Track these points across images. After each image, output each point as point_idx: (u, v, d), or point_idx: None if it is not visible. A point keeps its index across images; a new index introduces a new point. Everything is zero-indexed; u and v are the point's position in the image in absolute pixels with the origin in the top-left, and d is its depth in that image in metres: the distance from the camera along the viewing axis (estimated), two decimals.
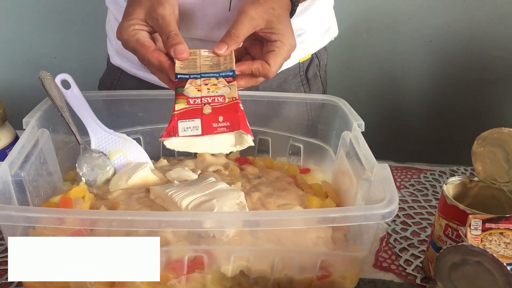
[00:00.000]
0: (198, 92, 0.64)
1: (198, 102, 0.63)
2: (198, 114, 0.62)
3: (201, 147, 0.63)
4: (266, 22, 0.69)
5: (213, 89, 0.64)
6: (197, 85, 0.65)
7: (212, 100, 0.63)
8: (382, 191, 0.58)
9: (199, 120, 0.61)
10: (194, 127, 0.61)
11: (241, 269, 0.61)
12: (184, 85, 0.65)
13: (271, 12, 0.69)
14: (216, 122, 0.61)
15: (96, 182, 0.76)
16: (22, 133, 0.69)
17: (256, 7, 0.68)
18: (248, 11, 0.68)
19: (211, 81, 0.66)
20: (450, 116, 1.53)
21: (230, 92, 0.64)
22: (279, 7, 0.70)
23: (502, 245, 0.58)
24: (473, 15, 1.40)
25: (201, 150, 0.64)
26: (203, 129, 0.61)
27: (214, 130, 0.61)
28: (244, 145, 0.63)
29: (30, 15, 1.47)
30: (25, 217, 0.53)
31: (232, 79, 0.66)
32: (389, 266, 0.72)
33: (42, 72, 0.75)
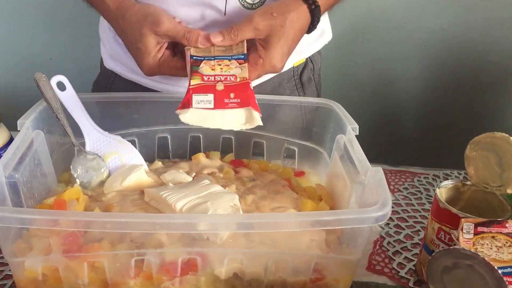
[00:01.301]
0: (212, 70, 0.69)
1: (212, 79, 0.68)
2: (212, 89, 0.67)
3: (213, 123, 0.67)
4: (266, 36, 0.72)
5: (225, 69, 0.70)
6: (211, 65, 0.70)
7: (224, 78, 0.68)
8: (376, 195, 0.59)
9: (212, 95, 0.66)
10: (207, 101, 0.66)
11: (235, 272, 0.61)
12: (199, 64, 0.70)
13: (277, 29, 0.71)
14: (228, 98, 0.66)
15: (90, 184, 0.76)
16: (17, 135, 0.69)
17: (265, 19, 0.71)
18: (255, 21, 0.71)
19: (224, 62, 0.71)
20: (444, 120, 1.54)
21: (242, 73, 0.69)
22: (290, 26, 0.72)
23: (494, 249, 0.58)
24: (468, 20, 1.41)
25: (214, 125, 0.67)
26: (215, 103, 0.66)
27: (225, 105, 0.66)
28: (253, 123, 0.67)
29: (25, 17, 1.47)
30: (18, 218, 0.53)
31: (243, 61, 0.71)
32: (382, 269, 0.72)
33: (38, 73, 0.75)
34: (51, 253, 0.58)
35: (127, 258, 0.58)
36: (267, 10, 0.72)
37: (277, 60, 0.73)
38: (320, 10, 0.75)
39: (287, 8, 0.73)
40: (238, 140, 0.88)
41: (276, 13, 0.71)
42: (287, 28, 0.72)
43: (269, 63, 0.72)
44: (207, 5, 0.78)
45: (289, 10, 0.72)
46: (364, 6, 1.42)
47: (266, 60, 0.72)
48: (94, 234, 0.60)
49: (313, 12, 0.74)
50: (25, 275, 0.59)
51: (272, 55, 0.72)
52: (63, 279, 0.59)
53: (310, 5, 0.74)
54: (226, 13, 0.79)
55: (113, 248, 0.59)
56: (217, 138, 0.88)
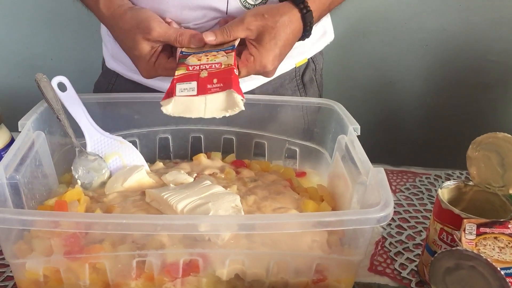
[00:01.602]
0: (197, 61, 0.69)
1: (197, 68, 0.68)
2: (195, 77, 0.67)
3: (195, 112, 0.66)
4: (257, 36, 0.73)
5: (212, 59, 0.70)
6: (198, 57, 0.70)
7: (209, 66, 0.68)
8: (378, 195, 0.58)
9: (195, 83, 0.66)
10: (190, 88, 0.65)
11: (236, 273, 0.61)
12: (186, 57, 0.71)
13: (268, 30, 0.72)
14: (211, 84, 0.65)
15: (91, 185, 0.76)
16: (18, 136, 0.69)
17: (256, 20, 0.72)
18: (247, 21, 0.72)
19: (211, 54, 0.71)
20: (445, 120, 1.54)
21: (227, 60, 0.69)
22: (281, 29, 0.73)
23: (496, 250, 0.58)
24: (469, 19, 1.41)
25: (195, 114, 0.66)
26: (198, 89, 0.65)
27: (208, 91, 0.65)
28: (234, 109, 0.65)
29: (26, 17, 1.47)
30: (20, 220, 0.53)
31: (231, 51, 0.71)
32: (384, 270, 0.72)
33: (39, 74, 0.75)
34: (52, 255, 0.58)
35: (129, 259, 0.58)
36: (259, 11, 0.73)
37: (267, 60, 0.73)
38: (312, 15, 0.76)
39: (279, 11, 0.74)
40: (239, 140, 0.88)
41: (268, 15, 0.72)
42: (278, 30, 0.73)
43: (260, 62, 0.73)
44: (208, 7, 0.78)
45: (281, 13, 0.73)
46: (365, 6, 1.42)
47: (256, 59, 0.72)
48: (95, 235, 0.60)
49: (304, 17, 0.75)
50: (26, 276, 0.59)
51: (262, 54, 0.72)
52: (65, 280, 0.59)
53: (302, 10, 0.75)
54: (227, 13, 0.79)
55: (114, 249, 0.59)
56: (218, 139, 0.88)
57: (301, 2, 0.75)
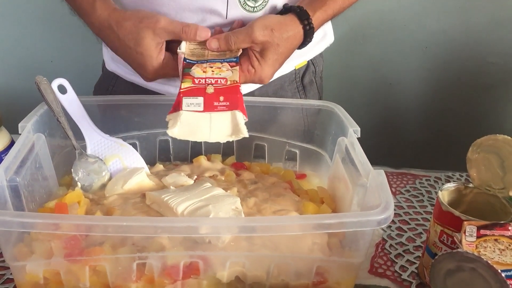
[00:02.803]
0: (203, 73, 0.70)
1: (203, 82, 0.68)
2: (202, 92, 0.67)
3: (200, 136, 0.66)
4: (262, 50, 0.74)
5: (217, 72, 0.70)
6: (202, 67, 0.71)
7: (215, 81, 0.68)
8: (378, 197, 0.58)
9: (202, 98, 0.66)
10: (197, 104, 0.66)
11: (237, 275, 0.61)
12: (191, 67, 0.71)
13: (274, 47, 0.74)
14: (217, 101, 0.66)
15: (91, 187, 0.76)
16: (18, 138, 0.69)
17: (264, 35, 0.73)
18: (255, 33, 0.72)
19: (216, 65, 0.72)
20: (445, 122, 1.54)
21: (232, 76, 0.69)
22: (285, 46, 0.75)
23: (497, 252, 0.58)
24: (469, 22, 1.41)
25: (200, 138, 0.66)
26: (205, 106, 0.66)
27: (214, 108, 0.66)
28: (239, 135, 0.66)
29: (26, 20, 1.47)
30: (20, 222, 0.53)
31: (235, 64, 0.72)
32: (385, 272, 0.72)
33: (39, 76, 0.75)
34: (52, 257, 0.58)
35: (129, 262, 0.58)
36: (268, 25, 0.73)
37: (266, 74, 0.75)
38: (313, 31, 0.78)
39: (287, 28, 0.75)
40: (239, 142, 0.87)
41: (276, 31, 0.73)
42: (282, 48, 0.75)
43: (259, 76, 0.75)
44: (209, 9, 0.78)
45: (288, 30, 0.75)
46: (365, 9, 1.43)
47: (257, 72, 0.74)
48: (95, 237, 0.60)
49: (306, 33, 0.77)
50: (27, 279, 0.59)
51: (264, 69, 0.74)
52: (65, 283, 0.59)
53: (305, 26, 0.77)
54: (227, 17, 0.79)
55: (114, 252, 0.59)
56: None
57: (305, 18, 0.76)
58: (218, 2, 0.78)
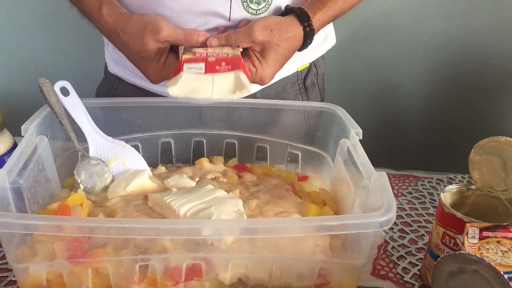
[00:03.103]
0: (204, 50, 0.70)
1: (204, 55, 0.69)
2: (203, 60, 0.68)
3: (202, 93, 0.66)
4: (262, 50, 0.74)
5: (218, 50, 0.71)
6: (204, 48, 0.71)
7: (216, 54, 0.69)
8: (380, 199, 0.58)
9: (203, 64, 0.66)
10: (198, 68, 0.66)
11: (239, 277, 0.61)
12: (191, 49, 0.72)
13: (273, 47, 0.75)
14: (219, 66, 0.66)
15: (94, 189, 0.76)
16: (21, 140, 0.69)
17: (264, 35, 0.74)
18: (254, 32, 0.73)
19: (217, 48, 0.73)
20: (447, 124, 1.54)
21: (234, 52, 0.71)
22: (285, 47, 0.76)
23: (499, 254, 0.58)
24: (470, 24, 1.41)
25: (202, 95, 0.66)
26: (206, 69, 0.66)
27: (216, 71, 0.65)
28: (243, 92, 0.65)
29: (29, 23, 1.47)
30: (23, 224, 0.53)
31: (236, 47, 0.72)
32: (387, 274, 0.72)
33: (41, 79, 0.75)
34: (55, 259, 0.58)
35: (131, 264, 0.58)
36: (268, 25, 0.74)
37: (267, 75, 0.76)
38: (313, 33, 0.78)
39: (286, 28, 0.76)
40: (241, 144, 0.88)
41: (276, 31, 0.74)
42: (282, 48, 0.75)
43: (260, 76, 0.75)
44: (212, 12, 0.79)
45: (288, 31, 0.76)
46: (366, 11, 1.43)
47: (258, 72, 0.75)
48: (98, 239, 0.60)
49: (306, 35, 0.78)
50: (29, 281, 0.59)
51: (265, 69, 0.75)
52: (67, 284, 0.59)
53: (305, 28, 0.77)
54: (230, 19, 0.80)
55: (117, 254, 0.59)
56: (220, 143, 0.88)
57: (306, 20, 0.77)
58: (221, 5, 0.78)
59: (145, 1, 0.79)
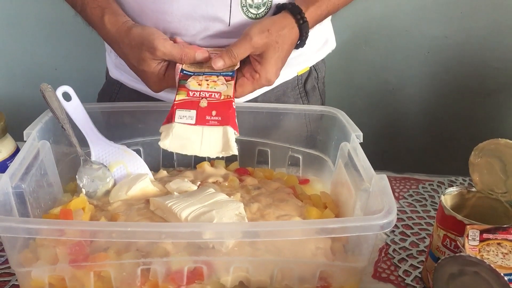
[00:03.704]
0: (198, 86, 0.71)
1: (197, 95, 0.70)
2: (195, 105, 0.69)
3: (190, 150, 0.68)
4: (262, 52, 0.74)
5: (212, 85, 0.71)
6: (198, 80, 0.72)
7: (209, 95, 0.70)
8: (381, 202, 0.59)
9: (195, 111, 0.68)
10: (189, 117, 0.68)
11: (241, 280, 0.61)
12: (187, 79, 0.72)
13: (273, 45, 0.74)
14: (209, 115, 0.68)
15: (96, 194, 0.77)
16: (23, 145, 0.69)
17: (261, 37, 0.73)
18: (253, 39, 0.73)
19: (211, 78, 0.72)
20: (448, 127, 1.54)
21: (227, 90, 0.71)
22: (283, 42, 0.75)
23: (500, 256, 0.58)
24: (470, 27, 1.42)
25: (191, 152, 0.68)
26: (197, 119, 0.68)
27: (206, 122, 0.67)
28: (228, 152, 0.67)
29: (31, 28, 1.48)
30: (25, 228, 0.54)
31: (231, 78, 0.73)
32: (388, 277, 0.72)
33: (43, 84, 0.76)
34: (57, 263, 0.58)
35: (133, 267, 0.58)
36: (263, 27, 0.74)
37: (271, 74, 0.75)
38: (308, 25, 0.78)
39: (281, 24, 0.76)
40: (242, 148, 0.88)
41: (272, 30, 0.74)
42: (281, 44, 0.75)
43: (265, 78, 0.75)
44: (212, 17, 0.79)
45: (283, 27, 0.76)
46: (367, 15, 1.43)
47: (262, 75, 0.75)
48: (100, 243, 0.60)
49: (301, 27, 0.77)
50: (32, 285, 0.59)
51: (267, 70, 0.75)
52: None
53: (298, 20, 0.77)
54: (230, 24, 0.80)
55: (119, 257, 0.59)
56: None
57: (298, 12, 0.77)
58: (221, 10, 0.79)
59: (145, 7, 0.80)
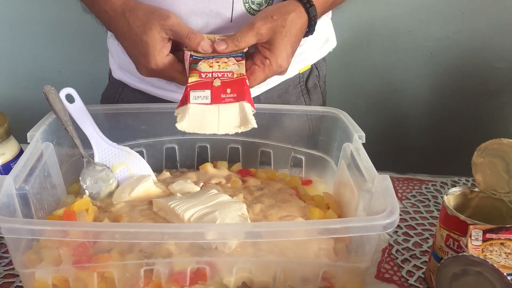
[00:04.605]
0: (209, 68, 0.70)
1: (209, 76, 0.69)
2: (209, 86, 0.67)
3: (209, 128, 0.66)
4: (269, 38, 0.73)
5: (223, 66, 0.70)
6: (209, 63, 0.71)
7: (222, 75, 0.69)
8: (383, 202, 0.59)
9: (209, 91, 0.67)
10: (204, 97, 0.66)
11: (244, 281, 0.61)
12: (197, 63, 0.71)
13: (279, 30, 0.73)
14: (224, 93, 0.66)
15: (99, 195, 0.77)
16: (27, 147, 0.70)
17: (266, 23, 0.72)
18: (257, 26, 0.72)
19: (222, 60, 0.72)
20: (450, 127, 1.53)
21: (239, 69, 0.70)
22: (291, 26, 0.74)
23: (503, 256, 0.58)
24: (473, 27, 1.41)
25: (209, 130, 0.67)
26: (212, 98, 0.66)
27: (222, 100, 0.66)
28: (248, 126, 0.66)
29: (34, 31, 1.48)
30: (29, 229, 0.54)
31: (241, 59, 0.72)
32: (391, 277, 0.72)
33: (47, 86, 0.76)
34: (61, 264, 0.59)
35: (136, 268, 0.59)
36: (267, 14, 0.73)
37: (282, 59, 0.73)
38: (315, 9, 0.77)
39: (286, 9, 0.75)
40: (245, 149, 0.88)
41: (276, 15, 0.73)
42: (288, 28, 0.73)
43: (276, 63, 0.73)
44: (214, 13, 0.79)
45: (288, 11, 0.74)
46: (369, 15, 1.43)
47: (272, 61, 0.73)
48: (103, 244, 0.60)
49: (309, 11, 0.76)
50: (36, 286, 0.60)
51: (277, 55, 0.73)
52: None
53: (305, 4, 0.76)
54: (232, 20, 0.80)
55: (122, 258, 0.59)
56: (224, 148, 0.88)
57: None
58: (223, 6, 0.79)
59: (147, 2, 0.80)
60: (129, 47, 0.77)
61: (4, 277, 0.70)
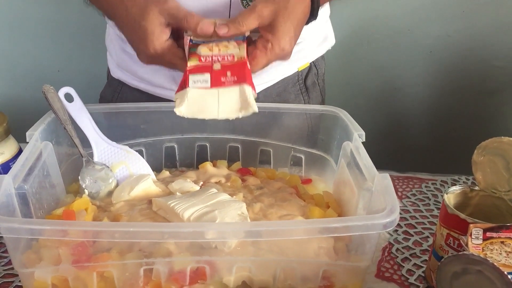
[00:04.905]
0: (209, 51, 0.68)
1: (209, 59, 0.67)
2: (208, 69, 0.66)
3: (209, 112, 0.64)
4: (271, 21, 0.70)
5: (223, 49, 0.69)
6: (209, 46, 0.69)
7: (222, 58, 0.67)
8: (383, 201, 0.59)
9: (209, 74, 0.65)
10: (203, 80, 0.64)
11: (243, 280, 0.61)
12: (197, 47, 0.69)
13: (281, 12, 0.70)
14: (224, 77, 0.65)
15: (99, 194, 0.77)
16: (26, 146, 0.69)
17: (267, 6, 0.70)
18: (259, 9, 0.70)
19: (222, 43, 0.70)
20: (450, 126, 1.54)
21: (240, 52, 0.68)
22: (293, 8, 0.71)
23: (503, 254, 0.58)
24: (473, 25, 1.41)
25: (209, 115, 0.65)
26: (211, 82, 0.64)
27: (222, 84, 0.64)
28: (248, 110, 0.64)
29: (33, 30, 1.48)
30: (28, 229, 0.54)
31: (242, 42, 0.70)
32: (392, 276, 0.72)
33: (46, 85, 0.76)
34: (60, 264, 0.58)
35: (136, 268, 0.58)
36: None
37: (285, 42, 0.71)
38: None
39: None
40: (245, 148, 0.88)
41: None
42: (291, 10, 0.71)
43: (278, 46, 0.71)
44: (211, 11, 0.79)
45: None
46: (369, 14, 1.43)
47: (274, 44, 0.71)
48: (103, 244, 0.60)
49: None
50: (35, 285, 0.60)
51: (280, 37, 0.71)
52: None
53: None
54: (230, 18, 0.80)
55: (122, 258, 0.59)
56: (223, 147, 0.88)
57: None
58: (221, 4, 0.79)
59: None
60: (128, 33, 0.75)
61: (3, 277, 0.70)
